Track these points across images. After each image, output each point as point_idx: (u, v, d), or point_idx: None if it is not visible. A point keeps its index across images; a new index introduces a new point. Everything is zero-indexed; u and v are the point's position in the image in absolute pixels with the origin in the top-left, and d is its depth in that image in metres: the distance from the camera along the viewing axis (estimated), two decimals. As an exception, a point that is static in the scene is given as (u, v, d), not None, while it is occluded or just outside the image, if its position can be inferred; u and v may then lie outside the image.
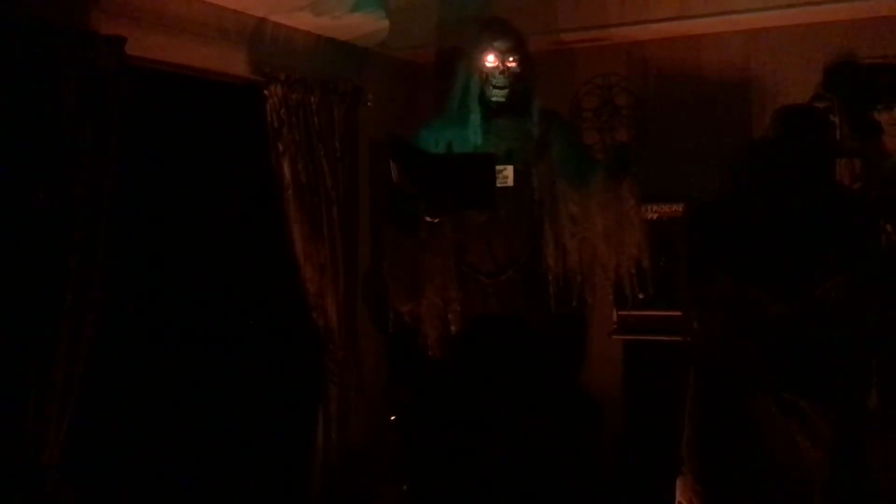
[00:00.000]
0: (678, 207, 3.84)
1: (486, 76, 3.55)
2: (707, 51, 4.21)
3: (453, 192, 3.33)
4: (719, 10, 3.90)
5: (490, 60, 3.53)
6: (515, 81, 3.55)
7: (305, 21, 3.78)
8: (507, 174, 3.54)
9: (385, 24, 4.06)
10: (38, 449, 2.65)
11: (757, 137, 3.66)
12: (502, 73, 3.52)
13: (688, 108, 4.24)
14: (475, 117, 3.56)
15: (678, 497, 3.04)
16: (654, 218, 3.89)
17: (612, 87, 4.41)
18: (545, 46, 4.36)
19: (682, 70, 4.26)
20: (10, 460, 2.61)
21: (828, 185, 3.02)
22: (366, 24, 3.98)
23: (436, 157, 3.46)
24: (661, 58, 4.32)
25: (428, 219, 3.40)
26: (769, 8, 3.81)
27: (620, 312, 3.98)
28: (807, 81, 3.90)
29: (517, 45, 3.55)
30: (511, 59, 3.52)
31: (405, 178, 3.34)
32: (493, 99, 3.56)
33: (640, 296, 3.46)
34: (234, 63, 3.53)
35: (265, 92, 3.52)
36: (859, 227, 2.91)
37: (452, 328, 3.60)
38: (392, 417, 3.95)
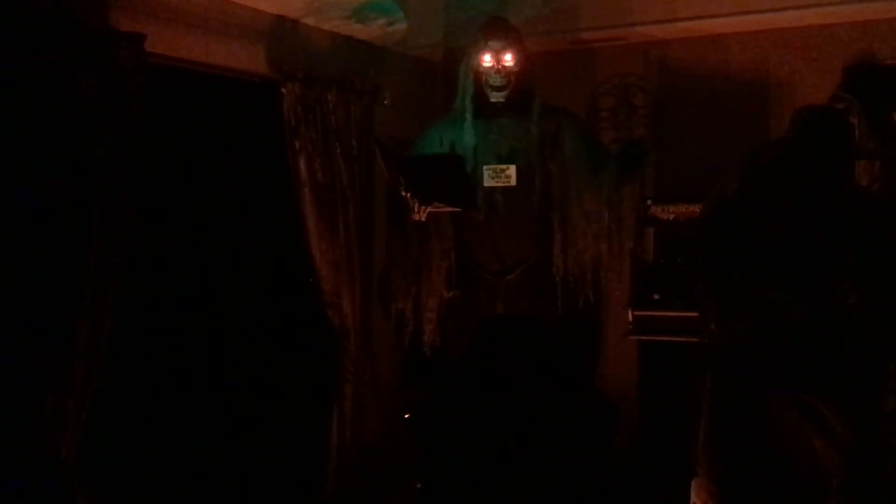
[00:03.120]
0: (695, 208, 3.82)
1: (484, 76, 3.54)
2: (725, 51, 4.19)
3: (430, 191, 3.34)
4: (742, 10, 3.89)
5: (486, 60, 3.52)
6: (514, 80, 3.53)
7: (323, 20, 3.80)
8: (509, 174, 3.55)
9: (403, 22, 4.07)
10: (55, 443, 2.67)
11: (775, 138, 3.65)
12: (498, 72, 3.51)
13: (705, 109, 4.23)
14: (469, 117, 3.56)
15: (693, 498, 3.03)
16: (671, 218, 3.89)
17: (629, 86, 4.40)
18: (563, 46, 4.36)
19: (699, 70, 4.25)
20: (28, 454, 2.62)
21: (847, 186, 3.00)
22: (384, 23, 3.99)
23: (408, 158, 3.48)
24: (678, 58, 4.31)
25: (415, 217, 3.41)
26: (789, 8, 3.80)
27: (636, 313, 3.97)
28: (826, 82, 3.89)
29: (513, 44, 3.53)
30: (507, 57, 3.51)
31: (392, 178, 3.36)
32: (493, 99, 3.55)
33: (656, 296, 3.46)
34: (252, 60, 3.54)
35: (282, 89, 3.53)
36: (878, 228, 2.89)
37: (450, 325, 3.62)
38: (406, 416, 3.95)
